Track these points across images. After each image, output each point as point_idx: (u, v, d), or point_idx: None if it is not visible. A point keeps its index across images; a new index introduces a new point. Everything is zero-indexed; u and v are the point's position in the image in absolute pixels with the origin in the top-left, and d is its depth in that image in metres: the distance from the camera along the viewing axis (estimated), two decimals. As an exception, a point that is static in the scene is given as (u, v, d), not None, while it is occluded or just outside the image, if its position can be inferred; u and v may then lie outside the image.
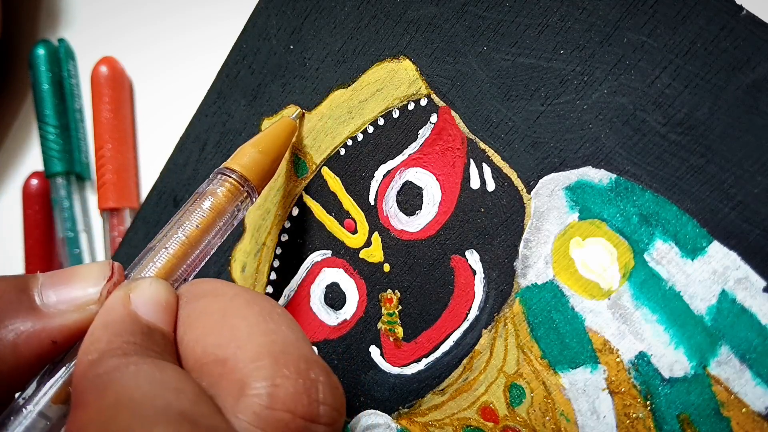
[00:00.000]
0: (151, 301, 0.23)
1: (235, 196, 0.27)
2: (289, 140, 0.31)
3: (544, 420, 0.26)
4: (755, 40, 0.22)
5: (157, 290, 0.23)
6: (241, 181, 0.28)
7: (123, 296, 0.23)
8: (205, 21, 0.38)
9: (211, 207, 0.26)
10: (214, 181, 0.28)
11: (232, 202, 0.27)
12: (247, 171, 0.28)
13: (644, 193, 0.24)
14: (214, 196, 0.27)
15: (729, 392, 0.23)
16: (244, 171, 0.28)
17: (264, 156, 0.29)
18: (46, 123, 0.42)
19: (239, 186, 0.27)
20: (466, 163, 0.28)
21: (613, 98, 0.25)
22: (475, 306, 0.28)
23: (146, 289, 0.23)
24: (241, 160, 0.28)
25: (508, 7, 0.27)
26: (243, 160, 0.28)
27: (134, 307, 0.22)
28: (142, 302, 0.22)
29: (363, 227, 0.31)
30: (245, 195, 0.28)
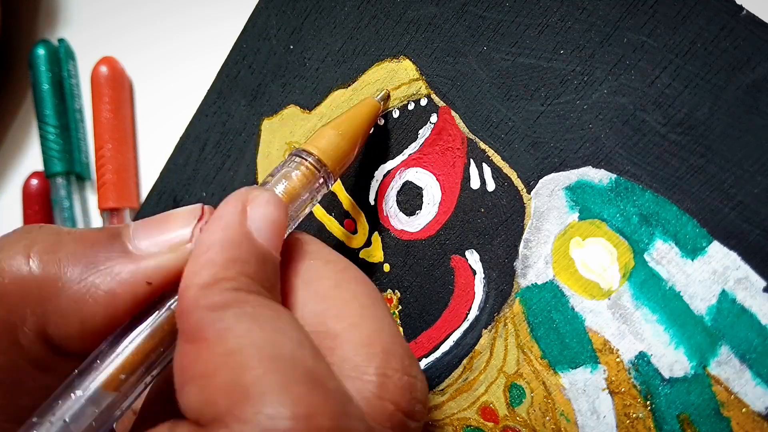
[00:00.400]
0: (268, 220, 0.22)
1: (310, 181, 0.25)
2: (372, 123, 0.29)
3: (544, 420, 0.26)
4: (755, 40, 0.22)
5: (275, 208, 0.22)
6: (318, 166, 0.26)
7: (240, 210, 0.21)
8: (205, 21, 0.38)
9: (285, 191, 0.25)
10: (289, 163, 0.26)
11: (306, 187, 0.25)
12: (325, 155, 0.26)
13: (644, 193, 0.24)
14: (288, 180, 0.25)
15: (729, 392, 0.23)
16: (322, 155, 0.26)
17: (343, 139, 0.27)
18: (46, 123, 0.42)
19: (315, 170, 0.26)
20: (466, 163, 0.28)
21: (613, 98, 0.25)
22: (475, 306, 0.28)
23: (264, 205, 0.22)
24: (319, 143, 0.26)
25: (508, 7, 0.27)
26: (321, 143, 0.26)
27: (250, 224, 0.21)
28: (259, 220, 0.21)
29: (363, 227, 0.31)
30: (321, 181, 0.26)
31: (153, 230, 0.22)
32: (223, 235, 0.21)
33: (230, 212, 0.21)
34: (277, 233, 0.22)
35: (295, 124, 0.33)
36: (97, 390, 0.20)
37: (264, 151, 0.34)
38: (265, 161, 0.34)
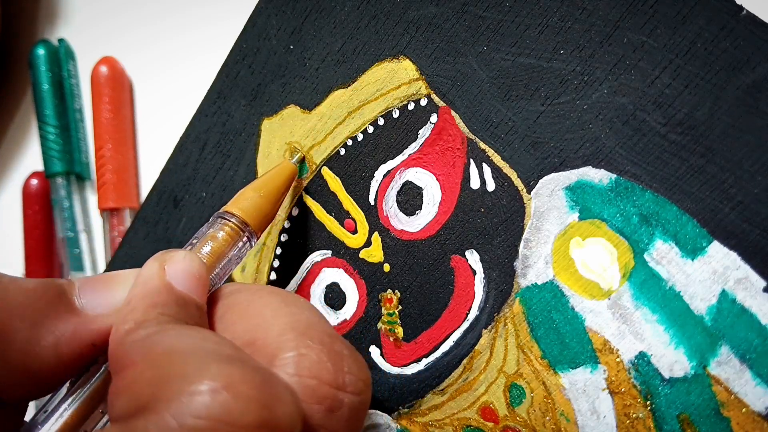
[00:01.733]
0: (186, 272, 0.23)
1: (235, 241, 0.27)
2: (289, 183, 0.31)
3: (544, 420, 0.26)
4: (755, 40, 0.22)
5: (191, 262, 0.24)
6: (242, 226, 0.27)
7: (158, 267, 0.23)
8: (205, 21, 0.38)
9: (211, 252, 0.26)
10: (214, 224, 0.27)
11: (231, 246, 0.27)
12: (248, 215, 0.28)
13: (644, 193, 0.24)
14: (214, 241, 0.26)
15: (729, 392, 0.23)
16: (245, 215, 0.27)
17: (264, 200, 0.29)
18: (46, 123, 0.42)
19: (239, 230, 0.27)
20: (466, 163, 0.28)
21: (613, 98, 0.25)
22: (475, 306, 0.28)
23: (180, 261, 0.23)
24: (242, 204, 0.28)
25: (508, 7, 0.27)
26: (243, 204, 0.28)
27: (169, 277, 0.23)
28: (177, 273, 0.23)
29: (363, 227, 0.31)
30: (245, 239, 0.27)
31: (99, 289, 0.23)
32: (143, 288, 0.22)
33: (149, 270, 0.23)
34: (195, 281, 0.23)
35: (295, 124, 0.33)
36: None
37: (264, 151, 0.34)
38: (265, 161, 0.34)
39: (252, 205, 0.28)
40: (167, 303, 0.22)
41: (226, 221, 0.27)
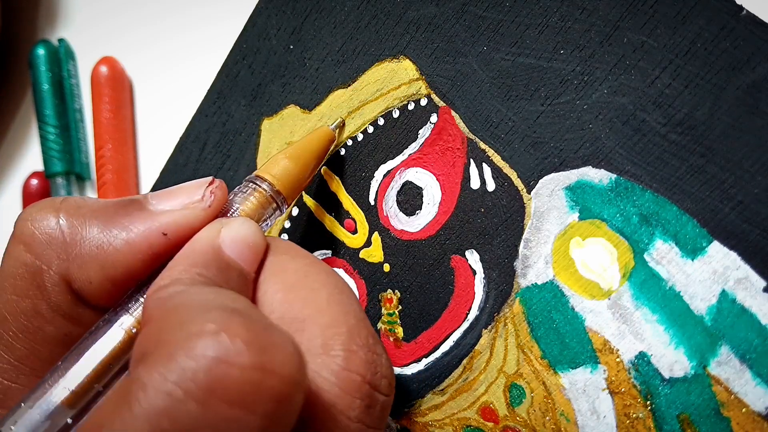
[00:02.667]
0: (239, 238, 0.24)
1: (264, 207, 0.26)
2: (326, 151, 0.30)
3: (544, 420, 0.26)
4: (755, 40, 0.22)
5: (248, 230, 0.24)
6: (272, 192, 0.27)
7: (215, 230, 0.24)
8: (205, 21, 0.38)
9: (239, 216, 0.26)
10: (244, 189, 0.27)
11: (260, 212, 0.26)
12: (279, 181, 0.27)
13: (644, 193, 0.24)
14: (241, 206, 0.26)
15: (729, 392, 0.23)
16: (275, 181, 0.27)
17: (297, 166, 0.28)
18: (46, 123, 0.42)
19: (269, 196, 0.27)
20: (466, 163, 0.28)
21: (613, 98, 0.25)
22: (475, 306, 0.28)
23: (237, 227, 0.24)
24: (273, 170, 0.27)
25: (508, 7, 0.27)
26: (275, 170, 0.27)
27: (221, 240, 0.23)
28: (230, 238, 0.23)
29: (363, 227, 0.31)
30: (275, 206, 0.27)
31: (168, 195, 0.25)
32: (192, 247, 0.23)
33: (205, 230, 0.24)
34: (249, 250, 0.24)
35: (295, 124, 0.33)
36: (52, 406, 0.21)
37: (264, 151, 0.34)
38: (265, 161, 0.34)
39: (283, 170, 0.27)
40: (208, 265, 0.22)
41: (256, 186, 0.27)
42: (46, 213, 0.24)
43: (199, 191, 0.24)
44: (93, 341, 0.22)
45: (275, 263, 0.24)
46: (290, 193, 0.28)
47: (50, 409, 0.21)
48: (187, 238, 0.24)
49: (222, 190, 0.25)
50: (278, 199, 0.27)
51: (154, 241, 0.23)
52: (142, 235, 0.23)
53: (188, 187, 0.25)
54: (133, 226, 0.23)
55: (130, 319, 0.23)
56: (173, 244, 0.23)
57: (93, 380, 0.22)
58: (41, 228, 0.24)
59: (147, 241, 0.23)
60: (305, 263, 0.24)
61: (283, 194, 0.27)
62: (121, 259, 0.23)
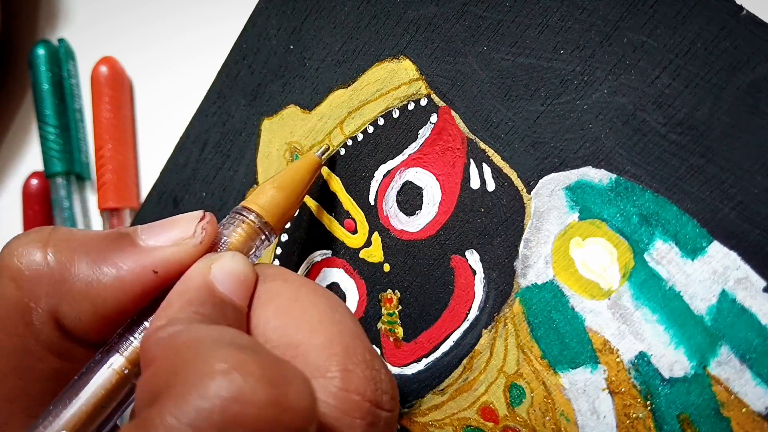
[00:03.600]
0: (231, 273, 0.23)
1: (252, 239, 0.26)
2: (312, 178, 0.29)
3: (544, 420, 0.26)
4: (755, 40, 0.22)
5: (238, 264, 0.24)
6: (260, 223, 0.26)
7: (204, 267, 0.23)
8: (205, 21, 0.38)
9: (227, 249, 0.25)
10: (231, 221, 0.26)
11: (247, 243, 0.26)
12: (266, 212, 0.27)
13: (644, 193, 0.24)
14: (230, 238, 0.26)
15: (729, 392, 0.23)
16: (263, 212, 0.27)
17: (285, 196, 0.27)
18: (46, 123, 0.42)
19: (257, 228, 0.26)
20: (466, 163, 0.28)
21: (613, 98, 0.25)
22: (475, 306, 0.28)
23: (228, 262, 0.24)
24: (260, 200, 0.27)
25: (508, 7, 0.27)
26: (262, 200, 0.27)
27: (212, 277, 0.23)
28: (221, 273, 0.23)
29: (363, 227, 0.31)
30: (263, 237, 0.27)
31: (159, 230, 0.24)
32: (184, 285, 0.23)
33: (195, 268, 0.23)
34: (239, 285, 0.23)
35: (295, 124, 0.33)
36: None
37: (264, 151, 0.34)
38: (265, 161, 0.34)
39: (271, 201, 0.27)
40: (204, 302, 0.22)
41: (243, 218, 0.26)
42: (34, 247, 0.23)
43: (191, 227, 0.24)
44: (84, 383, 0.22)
45: (265, 292, 0.24)
46: (278, 224, 0.27)
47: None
48: (178, 274, 0.23)
49: (213, 225, 0.25)
50: (266, 230, 0.27)
51: (144, 279, 0.23)
52: (132, 273, 0.23)
53: (179, 222, 0.24)
54: (124, 263, 0.23)
55: (120, 359, 0.22)
56: (164, 280, 0.23)
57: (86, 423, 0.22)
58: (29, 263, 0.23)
59: (138, 279, 0.23)
60: (295, 287, 0.24)
61: (270, 225, 0.27)
62: (111, 296, 0.23)
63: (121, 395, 0.22)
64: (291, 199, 0.28)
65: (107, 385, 0.22)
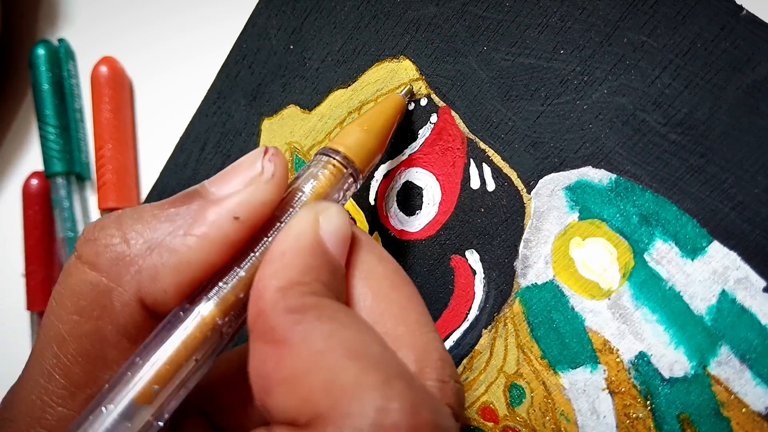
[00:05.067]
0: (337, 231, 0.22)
1: (338, 180, 0.25)
2: (397, 118, 0.28)
3: (544, 420, 0.26)
4: (755, 40, 0.22)
5: (344, 222, 0.23)
6: (345, 164, 0.25)
7: (313, 220, 0.22)
8: (205, 21, 0.38)
9: (313, 191, 0.24)
10: (316, 162, 0.25)
11: (334, 186, 0.25)
12: (352, 152, 0.25)
13: (644, 193, 0.24)
14: (315, 180, 0.24)
15: (729, 392, 0.23)
16: (349, 152, 0.25)
17: (369, 136, 0.26)
18: (46, 123, 0.42)
19: (343, 168, 0.25)
20: (466, 163, 0.28)
21: (613, 98, 0.25)
22: (475, 306, 0.28)
23: (335, 218, 0.22)
24: (346, 140, 0.26)
25: (508, 7, 0.27)
26: (347, 140, 0.26)
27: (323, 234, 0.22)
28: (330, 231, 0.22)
29: (363, 227, 0.31)
30: (350, 179, 0.25)
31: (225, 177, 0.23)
32: (298, 243, 0.21)
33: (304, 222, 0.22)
34: (344, 245, 0.22)
35: (295, 124, 0.33)
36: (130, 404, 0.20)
37: (264, 151, 0.34)
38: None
39: (357, 141, 0.26)
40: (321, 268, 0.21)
41: (329, 158, 0.25)
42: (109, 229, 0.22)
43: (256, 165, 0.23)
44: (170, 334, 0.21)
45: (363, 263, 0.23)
46: (365, 166, 0.26)
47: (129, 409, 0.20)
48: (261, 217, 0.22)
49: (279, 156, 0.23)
50: (354, 172, 0.25)
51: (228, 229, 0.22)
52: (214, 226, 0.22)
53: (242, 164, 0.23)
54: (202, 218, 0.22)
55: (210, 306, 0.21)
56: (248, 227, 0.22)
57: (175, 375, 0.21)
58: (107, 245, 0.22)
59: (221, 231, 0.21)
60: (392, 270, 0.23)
61: (358, 167, 0.25)
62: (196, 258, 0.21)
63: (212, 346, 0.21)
64: (378, 140, 0.27)
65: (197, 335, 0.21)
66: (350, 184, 0.25)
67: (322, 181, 0.24)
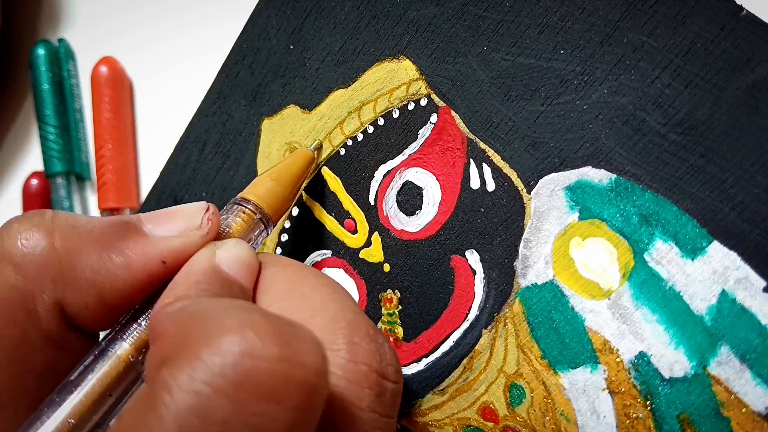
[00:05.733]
0: (235, 257, 0.24)
1: (251, 228, 0.27)
2: (307, 171, 0.31)
3: (544, 420, 0.26)
4: (755, 40, 0.22)
5: (242, 249, 0.24)
6: (257, 212, 0.27)
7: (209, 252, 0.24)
8: (205, 21, 0.38)
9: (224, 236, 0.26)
10: (230, 211, 0.27)
11: (247, 233, 0.27)
12: (264, 202, 0.27)
13: (644, 193, 0.24)
14: (230, 228, 0.26)
15: (729, 392, 0.23)
16: (260, 201, 0.27)
17: (281, 187, 0.28)
18: (46, 123, 0.42)
19: (256, 219, 0.27)
20: (466, 163, 0.28)
21: (613, 98, 0.25)
22: (475, 306, 0.28)
23: (232, 247, 0.24)
24: (257, 191, 0.28)
25: (508, 7, 0.27)
26: (259, 191, 0.28)
27: (218, 260, 0.23)
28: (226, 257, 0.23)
29: (363, 227, 0.31)
30: (262, 227, 0.27)
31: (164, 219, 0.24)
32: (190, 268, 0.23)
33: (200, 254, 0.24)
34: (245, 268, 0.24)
35: (295, 124, 0.33)
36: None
37: (264, 151, 0.34)
38: (265, 161, 0.34)
39: (268, 191, 0.28)
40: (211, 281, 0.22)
41: (242, 207, 0.27)
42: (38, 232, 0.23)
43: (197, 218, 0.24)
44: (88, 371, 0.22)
45: (267, 277, 0.24)
46: (275, 214, 0.28)
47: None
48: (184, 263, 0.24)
49: (216, 216, 0.25)
50: (264, 220, 0.27)
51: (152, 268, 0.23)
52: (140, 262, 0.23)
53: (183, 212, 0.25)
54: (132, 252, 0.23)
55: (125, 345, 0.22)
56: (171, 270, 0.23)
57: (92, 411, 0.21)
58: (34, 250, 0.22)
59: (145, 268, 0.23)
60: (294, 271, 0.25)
61: (269, 215, 0.27)
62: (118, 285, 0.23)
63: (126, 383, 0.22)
64: (287, 190, 0.29)
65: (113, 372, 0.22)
66: (261, 231, 0.27)
67: (236, 229, 0.26)
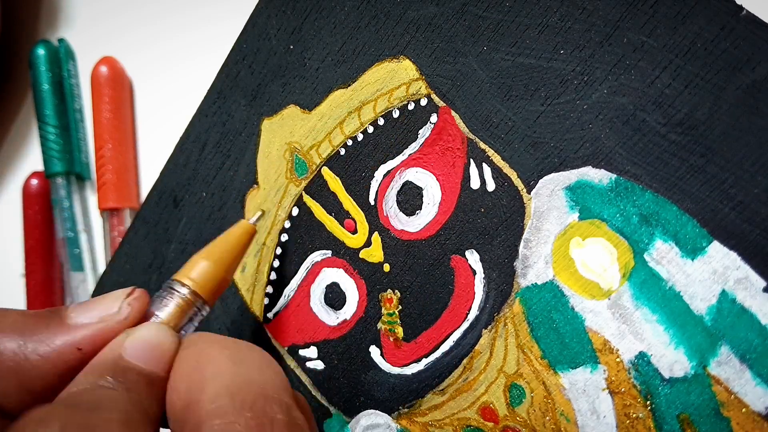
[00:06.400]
0: (142, 342, 0.24)
1: (184, 312, 0.27)
2: (246, 246, 0.30)
3: (544, 420, 0.26)
4: (755, 40, 0.22)
5: (152, 333, 0.24)
6: (191, 296, 0.27)
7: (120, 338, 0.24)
8: (205, 21, 0.38)
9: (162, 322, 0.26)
10: (164, 294, 0.27)
11: (179, 318, 0.27)
12: (198, 285, 0.27)
13: (644, 193, 0.24)
14: (160, 313, 0.26)
15: (729, 392, 0.23)
16: (195, 285, 0.27)
17: (216, 267, 0.28)
18: (46, 123, 0.42)
19: (189, 301, 0.27)
20: (466, 163, 0.28)
21: (613, 98, 0.25)
22: (475, 306, 0.28)
23: (139, 332, 0.24)
24: (192, 273, 0.28)
25: (508, 7, 0.27)
26: (193, 273, 0.28)
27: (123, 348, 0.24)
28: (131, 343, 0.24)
29: (363, 227, 0.31)
30: (195, 309, 0.27)
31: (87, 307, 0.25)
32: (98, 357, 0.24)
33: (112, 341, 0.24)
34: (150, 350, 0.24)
35: (295, 124, 0.33)
36: None
37: (264, 151, 0.34)
38: (265, 161, 0.34)
39: (203, 273, 0.28)
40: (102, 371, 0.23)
41: (175, 291, 0.27)
42: None
43: (116, 303, 0.25)
44: None
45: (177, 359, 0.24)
46: (210, 295, 0.28)
47: None
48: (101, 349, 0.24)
49: (140, 300, 0.25)
50: (197, 302, 0.27)
51: (69, 356, 0.24)
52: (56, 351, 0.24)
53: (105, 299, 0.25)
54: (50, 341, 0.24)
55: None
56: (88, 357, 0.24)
57: None
58: None
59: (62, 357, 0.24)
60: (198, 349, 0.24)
61: (202, 296, 0.27)
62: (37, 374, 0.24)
63: None
64: (223, 270, 0.28)
65: None
66: (195, 314, 0.27)
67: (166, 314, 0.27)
